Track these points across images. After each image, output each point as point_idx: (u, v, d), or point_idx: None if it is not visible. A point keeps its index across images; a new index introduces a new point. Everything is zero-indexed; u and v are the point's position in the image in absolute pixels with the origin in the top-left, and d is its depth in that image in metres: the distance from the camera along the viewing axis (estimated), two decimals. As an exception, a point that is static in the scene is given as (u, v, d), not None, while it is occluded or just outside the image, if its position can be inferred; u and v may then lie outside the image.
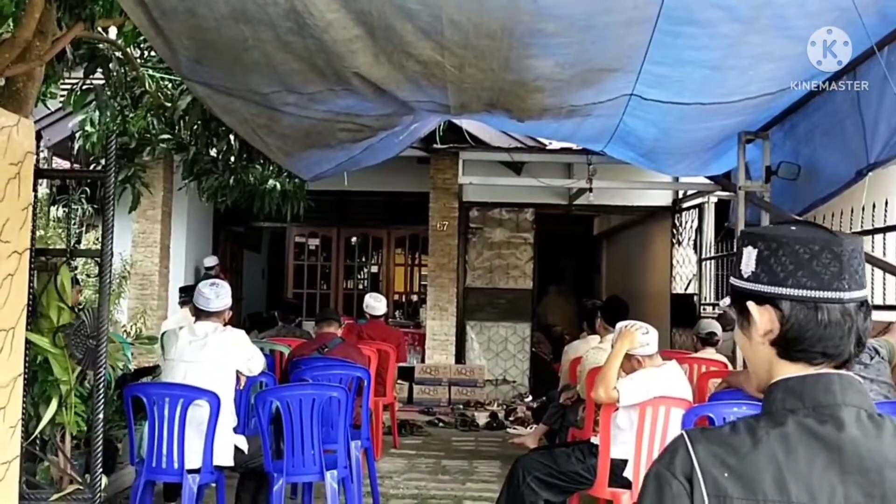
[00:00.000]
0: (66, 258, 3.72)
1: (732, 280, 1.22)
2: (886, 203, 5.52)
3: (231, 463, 4.05)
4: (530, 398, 9.41)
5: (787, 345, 1.14)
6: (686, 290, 9.77)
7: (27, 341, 3.33)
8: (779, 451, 1.06)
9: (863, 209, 5.72)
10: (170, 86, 5.41)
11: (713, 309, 8.57)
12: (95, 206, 6.94)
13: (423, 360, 9.65)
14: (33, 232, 3.40)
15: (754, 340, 1.18)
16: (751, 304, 1.17)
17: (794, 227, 1.17)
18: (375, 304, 7.26)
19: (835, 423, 1.07)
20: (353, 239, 12.15)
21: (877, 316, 4.34)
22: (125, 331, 8.10)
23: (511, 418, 8.38)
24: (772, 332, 1.15)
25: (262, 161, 6.31)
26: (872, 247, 5.47)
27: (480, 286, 9.98)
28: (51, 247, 5.35)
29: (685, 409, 3.76)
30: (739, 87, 4.12)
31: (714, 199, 9.12)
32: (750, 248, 1.18)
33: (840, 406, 1.08)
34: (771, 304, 1.15)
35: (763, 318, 1.16)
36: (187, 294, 7.09)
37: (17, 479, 3.19)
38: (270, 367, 5.31)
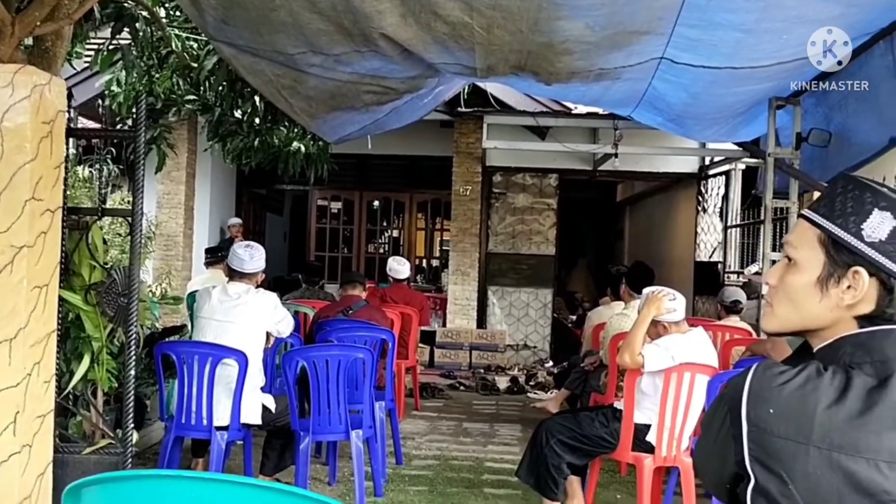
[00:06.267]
0: (97, 217, 3.76)
1: (838, 230, 1.13)
2: (919, 171, 5.42)
3: (258, 421, 4.12)
4: (551, 364, 9.45)
5: (883, 320, 1.11)
6: (710, 257, 9.71)
7: (60, 298, 3.39)
8: (834, 401, 1.05)
9: (895, 178, 5.62)
10: (196, 46, 5.39)
11: (738, 277, 8.52)
12: (121, 167, 6.99)
13: (444, 325, 9.70)
14: (65, 191, 3.44)
15: (832, 297, 1.14)
16: (862, 271, 1.11)
17: None
18: (399, 267, 7.29)
19: None
20: (375, 203, 12.16)
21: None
22: (151, 291, 8.21)
23: (531, 383, 8.43)
24: (862, 303, 1.12)
25: (286, 123, 6.29)
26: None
27: (503, 251, 9.97)
28: (80, 206, 5.40)
29: (710, 375, 3.75)
30: (773, 52, 4.03)
31: (741, 166, 9.01)
32: (888, 214, 1.10)
33: None
34: (879, 279, 1.10)
35: (868, 290, 1.11)
36: (212, 255, 7.16)
37: (51, 432, 3.27)
38: (296, 328, 5.37)
